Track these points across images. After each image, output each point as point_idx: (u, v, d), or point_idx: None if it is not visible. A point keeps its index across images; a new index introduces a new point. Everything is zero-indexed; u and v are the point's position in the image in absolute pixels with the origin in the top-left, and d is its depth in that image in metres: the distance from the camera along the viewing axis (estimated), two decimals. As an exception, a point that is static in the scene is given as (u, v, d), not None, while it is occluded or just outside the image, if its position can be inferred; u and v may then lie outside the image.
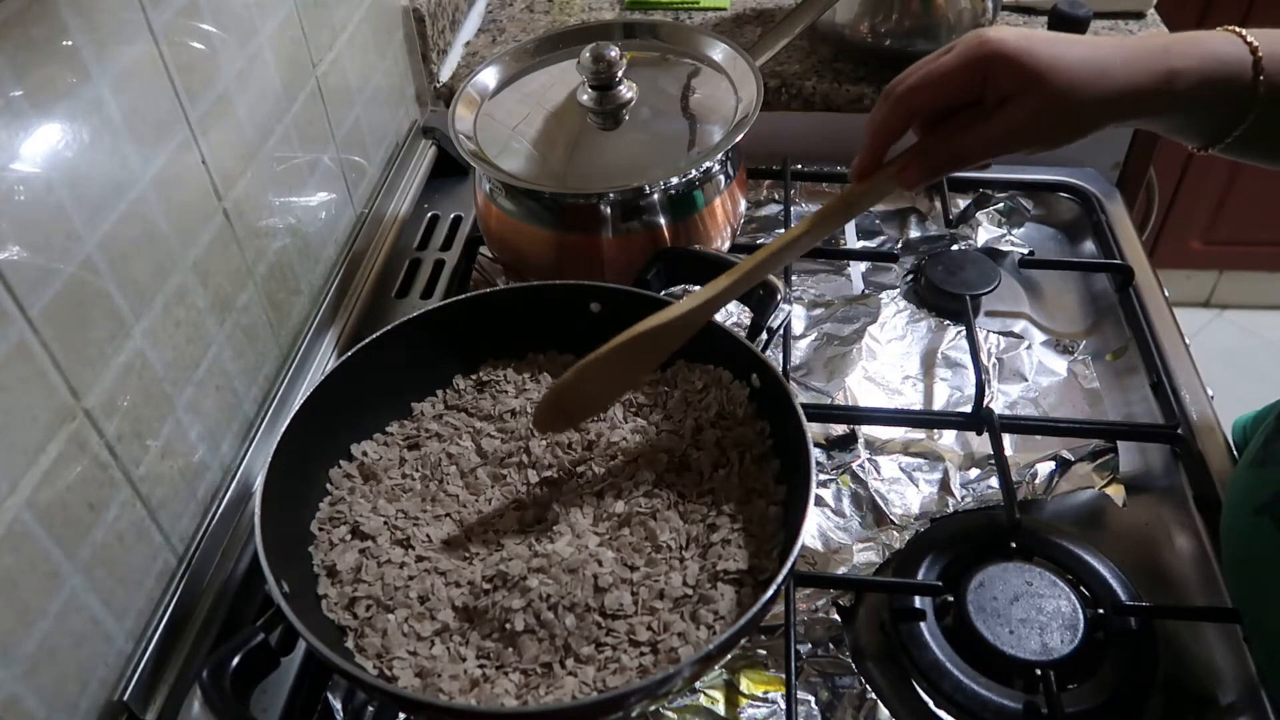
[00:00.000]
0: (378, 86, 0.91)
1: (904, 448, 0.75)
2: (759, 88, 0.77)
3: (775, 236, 0.93)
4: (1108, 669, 0.59)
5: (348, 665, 0.50)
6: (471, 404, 0.69)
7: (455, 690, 0.53)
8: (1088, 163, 1.01)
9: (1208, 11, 1.73)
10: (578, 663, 0.54)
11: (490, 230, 0.82)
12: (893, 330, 0.85)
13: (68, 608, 0.50)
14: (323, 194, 0.81)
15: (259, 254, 0.70)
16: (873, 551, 0.68)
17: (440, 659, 0.54)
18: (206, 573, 0.62)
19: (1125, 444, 0.74)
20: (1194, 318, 2.19)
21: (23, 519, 0.47)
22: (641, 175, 0.74)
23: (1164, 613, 0.64)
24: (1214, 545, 0.66)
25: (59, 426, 0.50)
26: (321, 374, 0.67)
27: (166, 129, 0.59)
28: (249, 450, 0.68)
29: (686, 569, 0.57)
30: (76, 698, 0.52)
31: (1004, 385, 0.80)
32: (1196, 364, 0.79)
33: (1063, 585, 0.62)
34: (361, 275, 0.85)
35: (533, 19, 1.17)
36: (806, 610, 0.65)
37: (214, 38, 0.63)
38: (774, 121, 0.84)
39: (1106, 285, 0.89)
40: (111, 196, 0.54)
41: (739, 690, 0.61)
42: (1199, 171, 1.93)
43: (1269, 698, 0.58)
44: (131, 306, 0.55)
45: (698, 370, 0.68)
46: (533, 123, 0.79)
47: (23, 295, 0.47)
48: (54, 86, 0.49)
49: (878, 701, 0.60)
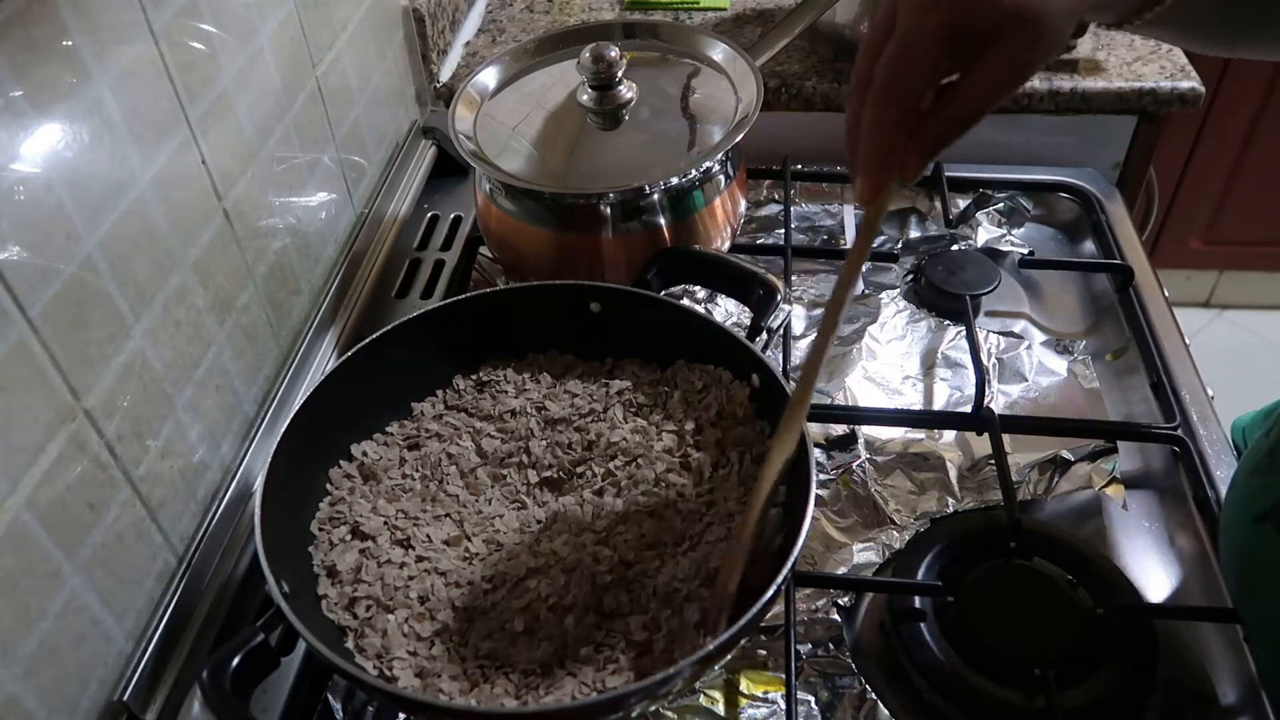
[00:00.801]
0: (378, 86, 0.91)
1: (904, 448, 0.75)
2: (759, 88, 0.77)
3: (774, 238, 0.93)
4: (1108, 669, 0.59)
5: (348, 665, 0.50)
6: (471, 404, 0.69)
7: (455, 691, 0.53)
8: (1088, 163, 1.01)
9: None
10: (576, 663, 0.54)
11: (490, 230, 0.82)
12: (893, 330, 0.85)
13: (68, 608, 0.50)
14: (323, 194, 0.81)
15: (259, 254, 0.70)
16: (873, 551, 0.68)
17: (440, 659, 0.54)
18: (206, 573, 0.62)
19: (1125, 444, 0.74)
20: (1194, 318, 2.19)
21: (23, 519, 0.47)
22: (641, 175, 0.74)
23: (1164, 613, 0.64)
24: (1214, 545, 0.66)
25: (59, 426, 0.50)
26: (321, 374, 0.67)
27: (166, 129, 0.59)
28: (249, 450, 0.68)
29: (686, 569, 0.57)
30: (76, 698, 0.52)
31: (1004, 385, 0.80)
32: (1196, 364, 0.79)
33: (1063, 585, 0.62)
34: (361, 275, 0.85)
35: (533, 19, 1.17)
36: (806, 610, 0.65)
37: (214, 38, 0.63)
38: (774, 121, 0.84)
39: (1106, 285, 0.89)
40: (111, 196, 0.54)
41: (739, 690, 0.61)
42: (1199, 171, 1.93)
43: (1270, 700, 0.58)
44: (131, 306, 0.55)
45: (698, 370, 0.68)
46: (533, 123, 0.79)
47: (23, 295, 0.47)
48: (54, 86, 0.49)
49: (878, 701, 0.60)
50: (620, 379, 0.69)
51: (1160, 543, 0.69)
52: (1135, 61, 1.02)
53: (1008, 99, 0.47)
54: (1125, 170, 1.06)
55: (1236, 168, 1.92)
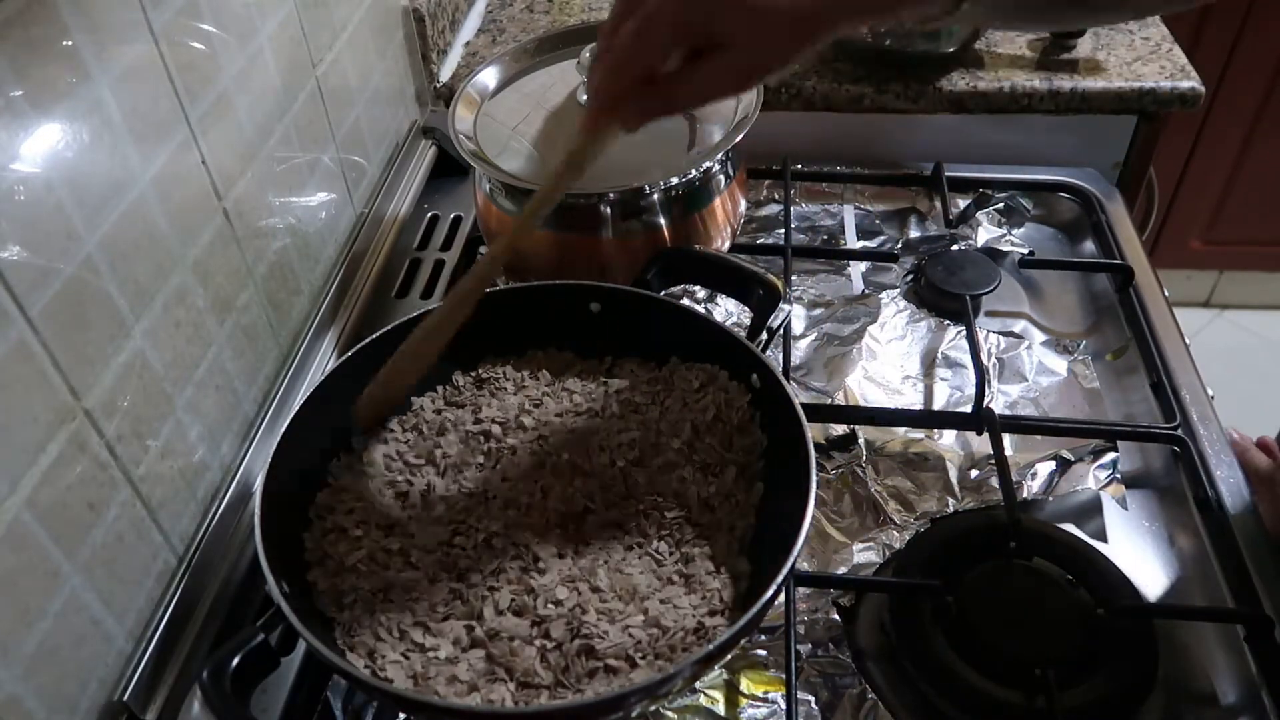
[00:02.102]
0: (378, 86, 0.91)
1: (904, 448, 0.75)
2: (759, 88, 0.77)
3: (774, 238, 0.93)
4: (1108, 669, 0.59)
5: (348, 666, 0.50)
6: (470, 400, 0.69)
7: (452, 692, 0.52)
8: (1088, 163, 1.01)
9: (1206, 14, 1.73)
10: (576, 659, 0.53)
11: (490, 230, 0.82)
12: (893, 330, 0.85)
13: (68, 608, 0.50)
14: (323, 194, 0.81)
15: (259, 254, 0.70)
16: (873, 551, 0.68)
17: (439, 659, 0.54)
18: (206, 573, 0.62)
19: (1125, 444, 0.74)
20: (1194, 318, 2.19)
21: (23, 519, 0.47)
22: (641, 175, 0.74)
23: (1164, 613, 0.64)
24: (1214, 545, 0.66)
25: (59, 426, 0.50)
26: (321, 374, 0.67)
27: (166, 129, 0.59)
28: (249, 450, 0.68)
29: (686, 569, 0.57)
30: (76, 698, 0.52)
31: (1004, 385, 0.80)
32: (1196, 364, 0.79)
33: (1063, 585, 0.62)
34: (361, 275, 0.85)
35: (533, 19, 1.17)
36: (806, 610, 0.65)
37: (214, 38, 0.63)
38: (774, 121, 0.84)
39: (1106, 285, 0.89)
40: (111, 196, 0.54)
41: (739, 690, 0.61)
42: (1199, 171, 1.93)
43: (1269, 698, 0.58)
44: (131, 306, 0.55)
45: (695, 370, 0.68)
46: (533, 123, 0.79)
47: (23, 295, 0.47)
48: (54, 86, 0.49)
49: (878, 702, 0.60)
50: (619, 378, 0.69)
51: (1160, 543, 0.69)
52: (1135, 61, 1.02)
53: (730, 97, 0.50)
54: (1125, 170, 1.06)
55: (1236, 168, 1.92)
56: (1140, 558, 0.68)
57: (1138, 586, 0.63)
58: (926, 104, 1.01)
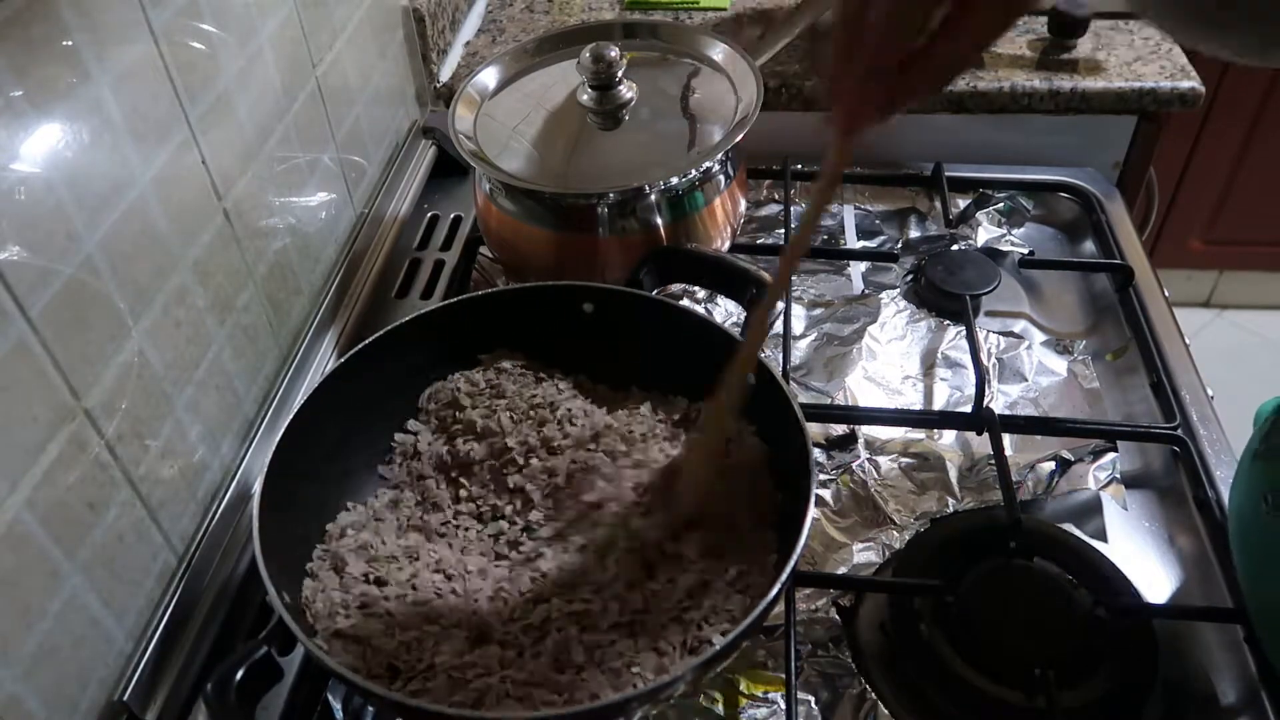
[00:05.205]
0: (378, 86, 0.91)
1: (904, 448, 0.75)
2: (759, 88, 0.77)
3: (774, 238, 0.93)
4: (1108, 669, 0.59)
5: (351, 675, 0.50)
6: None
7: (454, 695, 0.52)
8: (1088, 163, 1.01)
9: (1208, 12, 1.72)
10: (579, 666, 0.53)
11: (490, 230, 0.82)
12: (893, 330, 0.85)
13: (68, 608, 0.50)
14: (323, 194, 0.81)
15: (259, 254, 0.70)
16: (873, 551, 0.68)
17: (440, 660, 0.54)
18: (206, 573, 0.62)
19: (1125, 444, 0.74)
20: (1194, 318, 2.19)
21: (23, 519, 0.47)
22: (641, 175, 0.74)
23: (1164, 613, 0.64)
24: (1214, 545, 0.66)
25: (59, 426, 0.50)
26: (321, 374, 0.67)
27: (166, 129, 0.59)
28: (249, 450, 0.68)
29: (686, 571, 0.57)
30: (76, 698, 0.52)
31: (1004, 385, 0.80)
32: (1196, 364, 0.79)
33: (1063, 585, 0.62)
34: (361, 275, 0.85)
35: (533, 19, 1.17)
36: (806, 610, 0.64)
37: (214, 38, 0.63)
38: (774, 121, 0.84)
39: (1106, 285, 0.89)
40: (111, 196, 0.54)
41: (739, 690, 0.61)
42: (1199, 171, 1.93)
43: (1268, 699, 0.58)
44: (131, 306, 0.55)
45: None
46: (533, 123, 0.79)
47: (23, 295, 0.47)
48: (54, 86, 0.49)
49: (878, 702, 0.60)
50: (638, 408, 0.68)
51: (1160, 543, 0.69)
52: (1135, 61, 1.02)
53: (1001, 37, 0.46)
54: (1125, 170, 1.06)
55: (1236, 168, 1.92)
56: (1140, 558, 0.68)
57: (1138, 586, 0.63)
58: (926, 104, 1.00)
